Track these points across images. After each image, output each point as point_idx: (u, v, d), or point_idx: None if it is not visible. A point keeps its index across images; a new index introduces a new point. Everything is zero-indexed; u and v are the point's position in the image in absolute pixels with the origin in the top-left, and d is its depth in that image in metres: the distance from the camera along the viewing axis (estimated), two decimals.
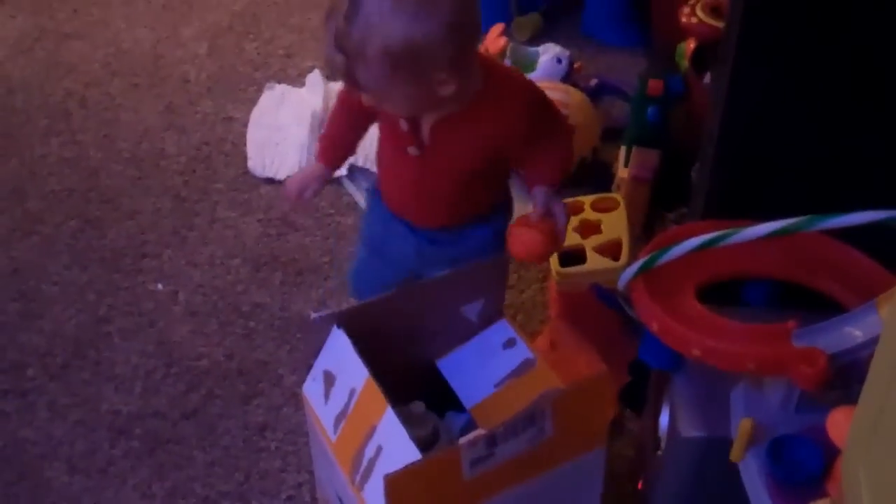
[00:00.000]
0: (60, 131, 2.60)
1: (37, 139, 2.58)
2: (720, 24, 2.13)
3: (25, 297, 2.20)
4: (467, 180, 1.64)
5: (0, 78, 2.77)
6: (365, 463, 1.40)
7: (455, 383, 1.61)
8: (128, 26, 2.93)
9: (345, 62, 1.43)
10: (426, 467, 1.32)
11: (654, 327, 1.34)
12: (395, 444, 1.37)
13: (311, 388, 1.55)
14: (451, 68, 1.44)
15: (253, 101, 2.65)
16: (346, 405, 1.47)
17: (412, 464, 1.31)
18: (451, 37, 1.42)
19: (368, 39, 1.40)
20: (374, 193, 1.78)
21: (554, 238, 1.61)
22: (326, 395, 1.52)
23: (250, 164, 2.47)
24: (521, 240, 1.60)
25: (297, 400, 1.95)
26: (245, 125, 2.58)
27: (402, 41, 1.40)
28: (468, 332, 1.65)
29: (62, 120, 2.63)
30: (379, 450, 1.39)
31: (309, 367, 1.57)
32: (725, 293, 1.45)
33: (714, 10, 2.25)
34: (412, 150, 1.60)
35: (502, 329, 1.63)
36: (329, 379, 1.52)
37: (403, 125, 1.57)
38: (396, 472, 1.29)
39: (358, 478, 1.40)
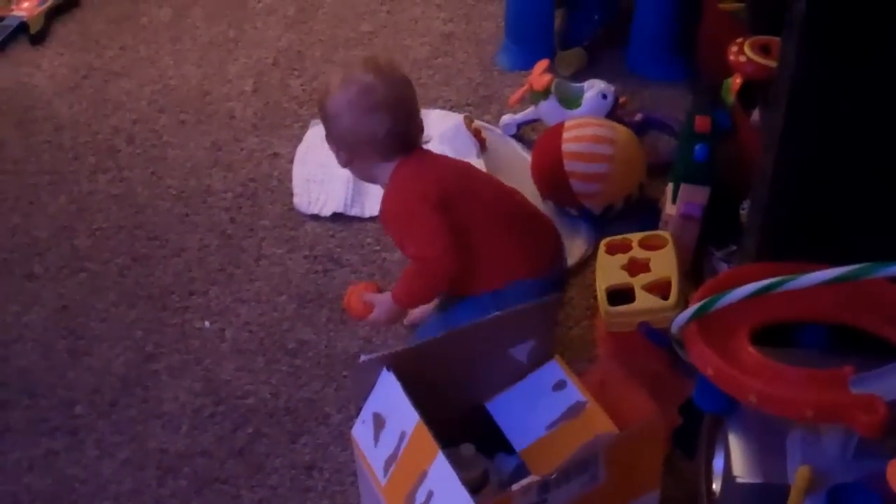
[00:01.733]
0: (108, 168, 2.62)
1: (85, 176, 2.61)
2: (769, 63, 2.12)
3: (74, 335, 2.21)
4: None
5: (48, 116, 2.80)
6: None
7: (505, 425, 1.60)
8: (175, 63, 2.95)
9: (325, 127, 2.07)
10: None
11: (709, 373, 1.33)
12: (447, 490, 1.36)
13: (361, 431, 1.55)
14: (378, 155, 2.02)
15: (298, 138, 2.66)
16: (397, 448, 1.47)
17: None
18: (382, 140, 1.99)
19: (333, 120, 2.02)
20: None
21: (360, 311, 2.05)
22: (376, 438, 1.51)
23: (296, 200, 2.48)
24: (347, 296, 2.08)
25: (343, 439, 1.95)
26: (290, 161, 2.59)
27: (349, 129, 2.00)
28: (518, 373, 1.64)
29: (110, 157, 2.66)
30: (430, 495, 1.38)
31: (357, 408, 1.57)
32: (780, 335, 1.44)
33: (763, 49, 2.24)
34: None
35: (552, 370, 1.62)
36: (379, 422, 1.51)
37: None
38: None
39: None
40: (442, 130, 2.59)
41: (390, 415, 1.50)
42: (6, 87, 2.90)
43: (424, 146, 2.13)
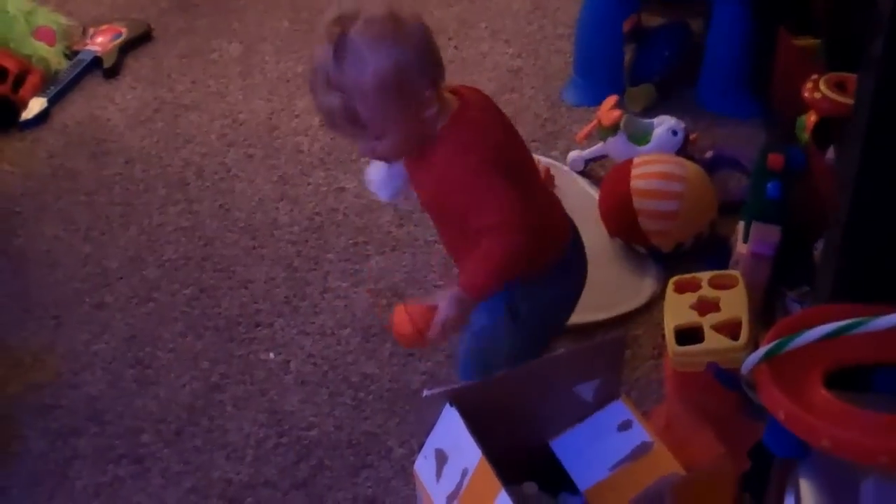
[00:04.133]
0: (178, 201, 2.65)
1: (155, 208, 2.64)
2: (845, 100, 2.09)
3: (141, 364, 2.23)
4: (454, 225, 1.77)
5: (120, 148, 2.83)
6: None
7: (569, 464, 1.59)
8: (244, 98, 2.98)
9: (342, 100, 1.62)
10: None
11: (781, 416, 1.30)
12: None
13: (423, 466, 1.54)
14: (432, 87, 1.66)
15: (364, 173, 2.66)
16: (459, 485, 1.46)
17: None
18: (427, 58, 1.66)
19: (362, 72, 1.60)
20: None
21: (419, 337, 1.68)
22: (438, 474, 1.50)
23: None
24: (395, 318, 1.71)
25: (405, 473, 1.94)
26: (356, 196, 2.59)
27: (391, 66, 1.60)
28: (583, 411, 1.62)
29: (179, 190, 2.69)
30: None
31: (419, 443, 1.56)
32: (854, 378, 1.40)
33: (839, 86, 2.21)
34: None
35: (618, 410, 1.60)
36: (441, 457, 1.50)
37: None
38: None
39: None
40: None
41: (453, 450, 1.49)
42: (81, 120, 2.95)
43: None
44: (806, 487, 1.36)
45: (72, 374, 2.22)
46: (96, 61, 3.10)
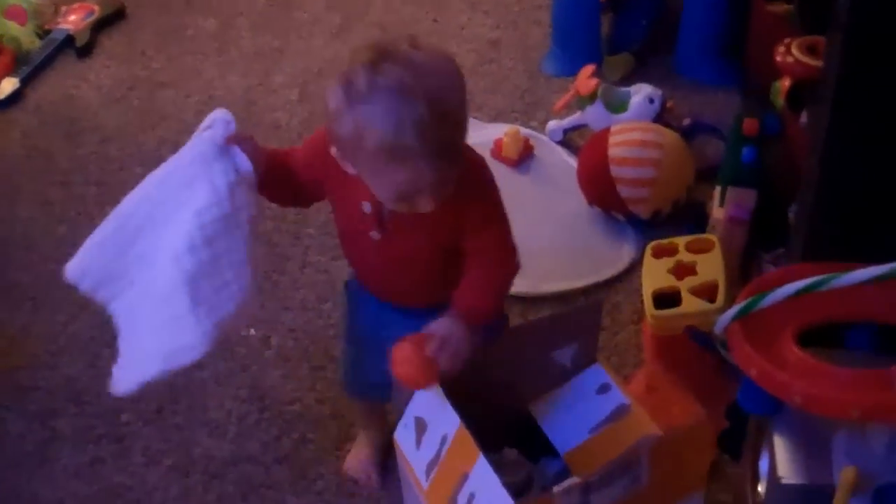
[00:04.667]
0: None
1: (131, 187, 2.59)
2: (816, 63, 2.09)
3: None
4: (434, 261, 1.60)
5: (95, 127, 2.82)
6: None
7: (548, 429, 1.59)
8: (220, 74, 2.97)
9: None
10: None
11: (754, 374, 1.31)
12: (488, 492, 1.35)
13: (403, 435, 1.54)
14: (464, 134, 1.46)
15: None
16: (438, 452, 1.46)
17: None
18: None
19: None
20: (354, 286, 1.75)
21: (428, 371, 1.46)
22: (418, 442, 1.50)
23: None
24: (396, 356, 1.47)
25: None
26: None
27: (454, 100, 1.42)
28: (561, 377, 1.63)
29: (156, 167, 2.66)
30: (471, 497, 1.37)
31: (400, 413, 1.56)
32: (826, 336, 1.41)
33: (810, 49, 2.21)
34: (374, 235, 1.57)
35: (596, 374, 1.60)
36: (421, 426, 1.51)
37: (366, 208, 1.55)
38: None
39: None
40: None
41: (432, 419, 1.49)
42: (54, 99, 2.93)
43: None
44: (779, 443, 1.37)
45: (49, 355, 2.21)
46: (69, 40, 3.08)
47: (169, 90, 2.92)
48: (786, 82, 2.28)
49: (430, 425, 1.49)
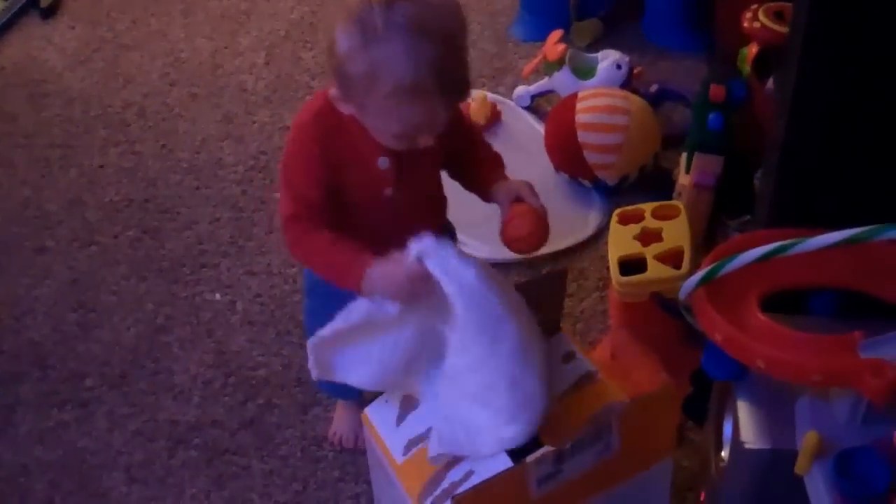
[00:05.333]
0: (119, 142, 2.61)
1: (96, 150, 2.60)
2: (783, 29, 2.09)
3: (84, 307, 2.21)
4: (433, 200, 1.64)
5: (59, 90, 2.79)
6: (446, 486, 1.38)
7: None
8: (186, 36, 2.94)
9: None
10: (494, 486, 1.31)
11: (718, 338, 1.31)
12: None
13: (377, 410, 1.53)
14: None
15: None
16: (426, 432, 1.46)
17: (479, 484, 1.30)
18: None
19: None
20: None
21: (546, 224, 1.53)
22: (400, 419, 1.49)
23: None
24: (523, 222, 1.51)
25: None
26: None
27: (463, 37, 1.43)
28: None
29: (121, 130, 2.65)
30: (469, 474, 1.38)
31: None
32: (790, 302, 1.42)
33: (777, 15, 2.21)
34: (387, 192, 1.55)
35: (561, 343, 1.60)
36: (408, 403, 1.50)
37: (383, 163, 1.52)
38: (464, 492, 1.29)
39: (430, 501, 1.38)
40: None
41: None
42: (17, 61, 2.89)
43: None
44: (743, 408, 1.38)
45: (13, 319, 2.20)
46: (33, 1, 3.04)
47: (134, 52, 2.89)
48: (753, 48, 2.28)
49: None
